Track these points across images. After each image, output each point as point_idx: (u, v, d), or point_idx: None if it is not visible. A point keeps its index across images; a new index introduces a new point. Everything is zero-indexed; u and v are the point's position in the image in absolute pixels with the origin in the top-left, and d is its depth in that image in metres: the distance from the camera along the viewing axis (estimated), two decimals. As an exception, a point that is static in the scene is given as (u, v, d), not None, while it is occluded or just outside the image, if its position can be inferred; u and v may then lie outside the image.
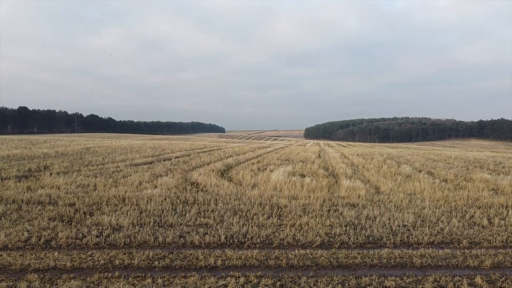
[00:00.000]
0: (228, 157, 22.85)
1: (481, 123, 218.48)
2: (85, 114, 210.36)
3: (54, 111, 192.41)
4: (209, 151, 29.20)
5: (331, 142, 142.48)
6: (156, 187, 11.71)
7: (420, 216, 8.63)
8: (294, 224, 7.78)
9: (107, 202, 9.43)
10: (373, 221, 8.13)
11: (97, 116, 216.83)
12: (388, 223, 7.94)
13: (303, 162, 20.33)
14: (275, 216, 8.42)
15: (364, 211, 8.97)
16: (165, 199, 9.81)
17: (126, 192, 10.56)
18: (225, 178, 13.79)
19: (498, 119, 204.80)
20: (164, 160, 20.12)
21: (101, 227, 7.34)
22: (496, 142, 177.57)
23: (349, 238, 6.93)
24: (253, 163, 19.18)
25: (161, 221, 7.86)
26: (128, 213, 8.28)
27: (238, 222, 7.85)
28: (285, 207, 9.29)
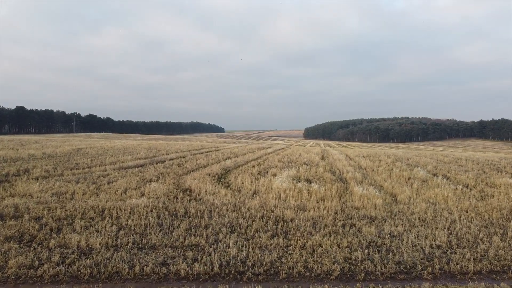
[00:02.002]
0: (226, 159, 21.44)
1: (481, 123, 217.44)
2: (83, 114, 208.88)
3: (52, 111, 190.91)
4: (207, 152, 27.78)
5: (331, 142, 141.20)
6: (143, 195, 10.30)
7: (452, 233, 7.23)
8: (305, 245, 6.37)
9: (82, 215, 8.00)
10: (399, 240, 6.73)
11: (95, 116, 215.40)
12: (419, 244, 6.54)
13: (306, 164, 18.91)
14: (280, 233, 7.01)
15: (386, 226, 7.57)
16: (151, 211, 8.39)
17: (107, 202, 9.14)
18: (222, 184, 12.37)
19: (499, 119, 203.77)
20: (158, 162, 18.69)
21: (66, 250, 5.92)
22: (497, 142, 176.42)
23: (375, 266, 5.52)
24: (253, 166, 17.77)
25: (141, 241, 6.44)
26: (104, 231, 6.86)
27: (236, 242, 6.44)
28: (291, 221, 7.88)
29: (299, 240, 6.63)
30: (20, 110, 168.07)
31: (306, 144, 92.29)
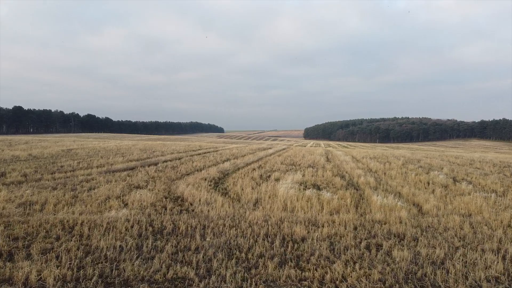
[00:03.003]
0: (225, 161, 19.96)
1: (482, 123, 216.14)
2: (82, 114, 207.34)
3: (50, 110, 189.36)
4: (204, 153, 26.30)
5: (331, 143, 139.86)
6: (126, 205, 8.82)
7: (506, 258, 5.76)
8: (324, 279, 4.90)
9: (46, 232, 6.52)
10: (443, 269, 5.25)
11: (94, 116, 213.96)
12: (470, 275, 5.07)
13: (312, 167, 17.44)
14: (291, 260, 5.53)
15: (420, 248, 6.10)
16: (132, 227, 6.92)
17: (80, 215, 7.67)
18: (219, 191, 10.89)
19: (500, 120, 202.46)
20: (150, 165, 17.20)
21: (8, 289, 4.45)
22: (499, 143, 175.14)
23: (424, 314, 4.05)
24: (253, 169, 16.30)
25: (112, 272, 4.96)
26: (66, 257, 5.38)
27: (235, 273, 4.97)
28: (302, 240, 6.42)
29: (316, 270, 5.16)
30: (17, 110, 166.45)
31: (306, 144, 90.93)
